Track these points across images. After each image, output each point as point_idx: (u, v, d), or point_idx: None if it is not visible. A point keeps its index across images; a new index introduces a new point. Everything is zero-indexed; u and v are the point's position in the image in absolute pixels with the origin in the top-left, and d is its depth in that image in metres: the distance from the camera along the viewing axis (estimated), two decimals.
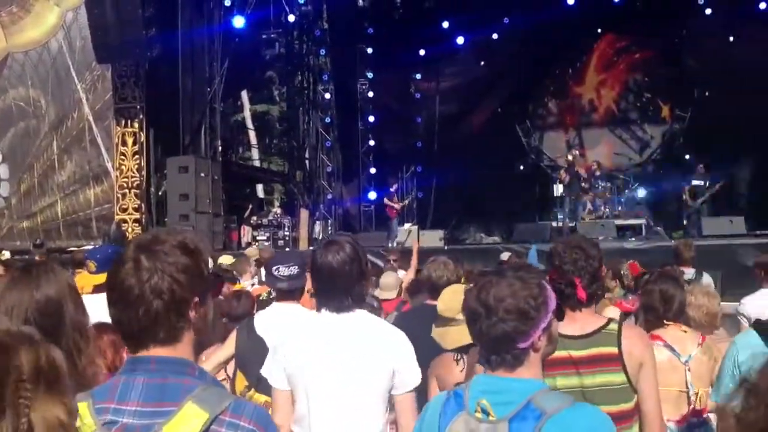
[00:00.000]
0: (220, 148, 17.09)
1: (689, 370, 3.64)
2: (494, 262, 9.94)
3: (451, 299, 3.41)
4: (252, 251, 10.62)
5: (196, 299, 1.67)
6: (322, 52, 21.03)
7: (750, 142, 18.22)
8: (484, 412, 1.84)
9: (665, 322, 3.76)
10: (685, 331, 3.77)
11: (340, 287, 2.77)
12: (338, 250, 2.77)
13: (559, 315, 2.07)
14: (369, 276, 2.99)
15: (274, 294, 4.09)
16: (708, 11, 19.73)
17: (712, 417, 3.55)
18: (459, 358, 3.39)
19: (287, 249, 15.90)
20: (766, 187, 18.07)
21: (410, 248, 9.74)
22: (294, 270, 3.80)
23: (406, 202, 19.20)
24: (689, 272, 6.70)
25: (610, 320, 2.92)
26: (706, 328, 4.09)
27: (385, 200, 18.62)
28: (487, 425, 1.83)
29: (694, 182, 16.58)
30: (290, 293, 3.84)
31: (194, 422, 1.53)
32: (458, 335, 3.21)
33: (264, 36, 21.35)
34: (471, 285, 2.05)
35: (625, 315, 4.77)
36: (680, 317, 3.81)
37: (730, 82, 18.98)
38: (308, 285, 4.90)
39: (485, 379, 1.94)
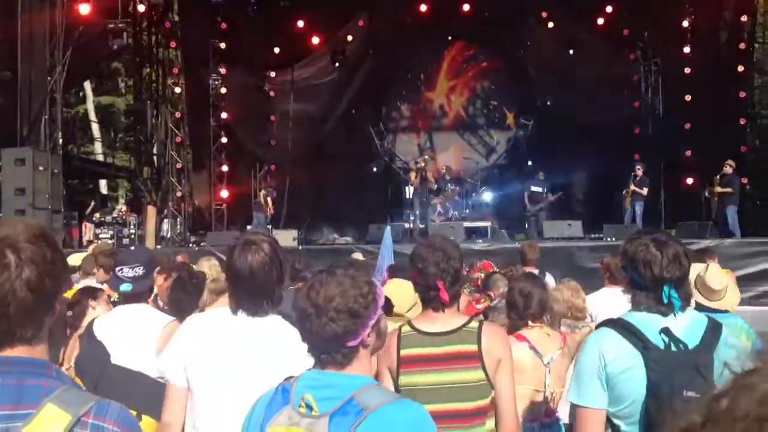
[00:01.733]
0: (60, 140, 16.18)
1: (549, 371, 3.78)
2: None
3: (402, 294, 3.45)
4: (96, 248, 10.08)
5: (61, 291, 1.61)
6: (173, 45, 20.36)
7: (587, 150, 19.38)
8: (308, 406, 1.84)
9: (529, 322, 3.90)
10: (548, 334, 3.93)
11: (257, 290, 2.66)
12: (257, 251, 2.66)
13: (388, 310, 2.09)
14: (286, 278, 2.85)
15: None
16: (551, 24, 20.85)
17: (563, 416, 3.70)
18: None
19: (132, 247, 15.30)
20: (602, 193, 19.30)
21: None
22: (139, 270, 3.60)
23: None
24: (534, 273, 7.01)
25: (471, 318, 2.99)
26: (574, 320, 4.34)
27: (269, 199, 18.27)
28: (309, 420, 1.83)
29: (533, 188, 17.55)
30: (135, 296, 3.63)
31: (56, 424, 1.45)
32: None
33: (111, 25, 20.42)
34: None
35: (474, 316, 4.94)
36: (542, 315, 3.97)
37: (569, 92, 20.19)
38: (164, 285, 4.75)
39: (313, 374, 1.94)
